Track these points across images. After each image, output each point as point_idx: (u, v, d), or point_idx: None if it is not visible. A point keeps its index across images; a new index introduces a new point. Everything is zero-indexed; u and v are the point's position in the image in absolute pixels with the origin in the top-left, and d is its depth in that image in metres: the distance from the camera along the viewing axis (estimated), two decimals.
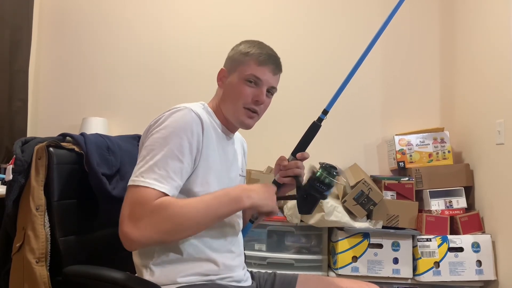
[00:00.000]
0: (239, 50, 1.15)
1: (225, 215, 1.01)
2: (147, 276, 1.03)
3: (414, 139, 2.48)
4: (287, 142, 1.37)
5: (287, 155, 1.17)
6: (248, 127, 1.15)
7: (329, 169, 1.07)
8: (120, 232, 0.93)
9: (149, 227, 0.91)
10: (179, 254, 1.03)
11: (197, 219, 0.96)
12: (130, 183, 0.97)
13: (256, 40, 1.18)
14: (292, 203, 2.23)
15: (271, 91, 1.16)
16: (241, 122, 1.14)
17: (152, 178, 0.94)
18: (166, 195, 0.95)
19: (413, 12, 2.73)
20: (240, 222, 1.21)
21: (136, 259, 1.07)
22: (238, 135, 1.30)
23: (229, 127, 1.18)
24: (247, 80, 1.11)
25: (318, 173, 1.08)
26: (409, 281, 2.18)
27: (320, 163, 1.10)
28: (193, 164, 1.03)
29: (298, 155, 1.14)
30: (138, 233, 0.91)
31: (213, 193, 1.01)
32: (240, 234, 1.23)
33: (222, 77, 1.17)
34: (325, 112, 1.15)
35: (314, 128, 1.15)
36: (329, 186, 1.07)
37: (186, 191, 1.02)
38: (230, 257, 1.13)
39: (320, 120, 1.15)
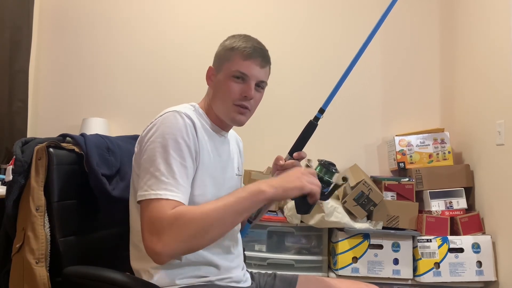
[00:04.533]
0: (225, 46, 1.13)
1: (246, 210, 0.95)
2: (145, 279, 1.02)
3: (414, 139, 2.48)
4: (287, 142, 1.36)
5: (287, 154, 1.16)
6: (240, 123, 1.13)
7: (328, 166, 1.06)
8: (146, 249, 0.91)
9: (173, 238, 0.89)
10: (178, 259, 1.03)
11: (217, 218, 0.92)
12: (140, 198, 0.95)
13: (242, 34, 1.15)
14: (292, 204, 2.23)
15: (260, 85, 1.12)
16: (233, 119, 1.11)
17: (162, 189, 0.93)
18: (180, 202, 0.94)
19: (413, 12, 2.73)
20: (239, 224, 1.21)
21: (134, 264, 1.07)
22: (233, 133, 1.29)
23: (222, 126, 1.16)
24: (233, 77, 1.08)
25: (317, 170, 1.07)
26: (409, 282, 2.18)
27: (318, 160, 1.09)
28: (194, 166, 1.02)
29: (295, 154, 1.12)
30: (163, 246, 0.89)
31: (231, 192, 0.98)
32: (239, 235, 1.22)
33: (210, 75, 1.15)
34: (321, 111, 1.13)
35: (310, 127, 1.13)
36: (328, 183, 1.06)
37: None
38: (230, 258, 1.13)
39: (316, 119, 1.13)
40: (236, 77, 1.08)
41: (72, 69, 2.77)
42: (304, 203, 1.08)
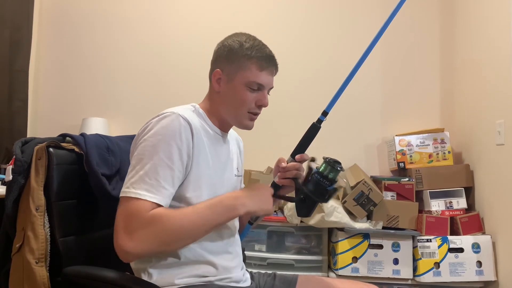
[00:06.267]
0: (235, 50, 1.11)
1: (220, 224, 1.02)
2: (145, 279, 1.03)
3: (414, 139, 2.48)
4: (288, 142, 1.36)
5: (287, 155, 1.16)
6: (250, 128, 1.15)
7: (333, 164, 1.06)
8: (115, 244, 0.93)
9: (144, 239, 0.91)
10: (177, 258, 1.03)
11: (192, 230, 0.96)
12: (121, 194, 0.96)
13: (249, 36, 1.14)
14: (292, 204, 2.23)
15: (269, 90, 1.16)
16: (245, 125, 1.14)
17: (143, 189, 0.94)
18: (159, 205, 0.95)
19: (413, 12, 2.73)
20: (236, 224, 1.21)
21: (133, 263, 1.07)
22: (233, 134, 1.29)
23: (222, 128, 1.16)
24: (250, 87, 1.10)
25: (322, 168, 1.06)
26: (409, 282, 2.18)
27: (324, 158, 1.09)
28: (185, 171, 1.02)
29: (297, 157, 1.12)
30: (133, 245, 0.91)
31: (206, 202, 1.00)
32: (237, 235, 1.22)
33: (217, 79, 1.13)
34: (324, 113, 1.13)
35: (313, 130, 1.13)
36: (333, 181, 1.06)
37: (178, 198, 1.01)
38: (228, 258, 1.12)
39: (319, 121, 1.13)
40: (252, 87, 1.10)
41: (72, 69, 2.77)
42: (305, 206, 1.08)
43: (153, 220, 0.92)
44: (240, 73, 1.10)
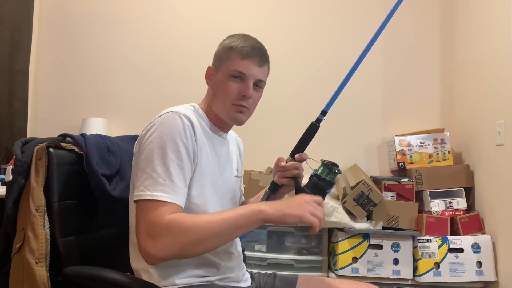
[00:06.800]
0: (224, 45, 1.13)
1: (242, 227, 0.95)
2: (145, 278, 1.03)
3: (414, 140, 2.48)
4: (288, 142, 1.36)
5: (287, 155, 1.16)
6: (240, 122, 1.13)
7: (331, 167, 1.07)
8: (140, 249, 0.93)
9: (168, 243, 0.90)
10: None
11: (214, 231, 0.93)
12: (136, 197, 0.96)
13: (241, 33, 1.15)
14: None
15: (259, 84, 1.12)
16: (232, 118, 1.11)
17: (158, 190, 0.94)
18: (177, 205, 0.95)
19: (413, 12, 2.73)
20: None
21: (134, 263, 1.07)
22: (233, 135, 1.29)
23: (221, 127, 1.16)
24: (232, 76, 1.08)
25: (320, 170, 1.07)
26: (409, 282, 2.18)
27: (321, 160, 1.09)
28: (193, 168, 1.02)
29: (297, 156, 1.12)
30: (157, 249, 0.90)
31: (232, 208, 0.99)
32: None
33: (210, 75, 1.15)
34: (323, 112, 1.13)
35: (312, 129, 1.13)
36: (330, 183, 1.06)
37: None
38: (228, 258, 1.13)
39: (318, 121, 1.13)
40: (234, 76, 1.09)
41: (72, 69, 2.77)
42: None
43: (175, 222, 0.91)
44: (224, 64, 1.11)
